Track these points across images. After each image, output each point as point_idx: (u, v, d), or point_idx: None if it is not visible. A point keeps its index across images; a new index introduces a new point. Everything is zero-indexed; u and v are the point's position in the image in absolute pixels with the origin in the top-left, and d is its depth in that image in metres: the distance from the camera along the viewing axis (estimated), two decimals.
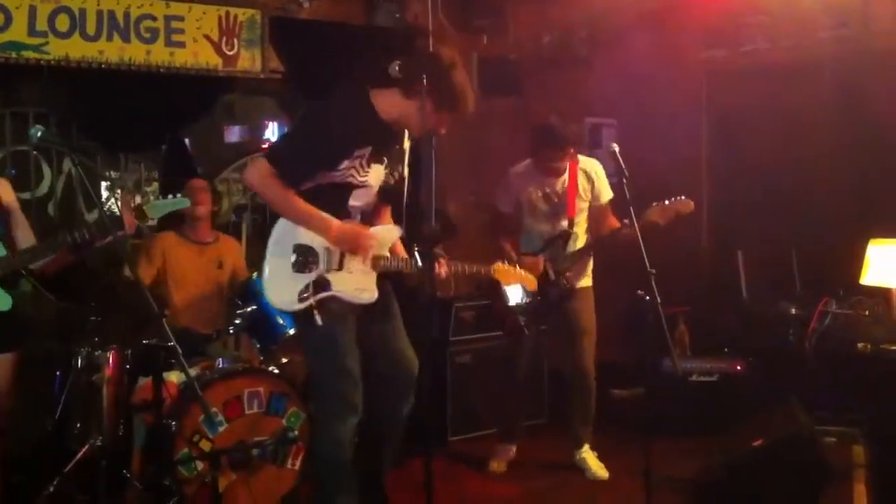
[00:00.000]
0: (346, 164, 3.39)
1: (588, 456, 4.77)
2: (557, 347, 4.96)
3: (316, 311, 3.41)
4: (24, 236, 3.60)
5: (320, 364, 3.54)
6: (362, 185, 3.47)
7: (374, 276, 3.55)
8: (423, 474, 3.09)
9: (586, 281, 4.80)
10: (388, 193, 3.63)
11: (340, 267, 3.47)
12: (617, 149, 3.96)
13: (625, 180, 3.88)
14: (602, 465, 4.74)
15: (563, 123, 4.69)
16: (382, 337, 3.63)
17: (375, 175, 3.50)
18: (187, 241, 4.67)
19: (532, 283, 4.03)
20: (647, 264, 3.72)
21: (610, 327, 5.00)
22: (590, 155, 5.00)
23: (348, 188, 3.46)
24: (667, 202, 4.41)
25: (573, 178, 4.69)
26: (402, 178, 3.62)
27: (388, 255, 3.58)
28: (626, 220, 4.31)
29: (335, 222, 3.42)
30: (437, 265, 3.48)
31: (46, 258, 3.56)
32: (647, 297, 3.71)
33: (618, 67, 6.12)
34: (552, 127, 4.62)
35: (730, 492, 3.91)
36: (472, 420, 5.35)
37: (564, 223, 4.69)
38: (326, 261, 3.46)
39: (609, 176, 4.78)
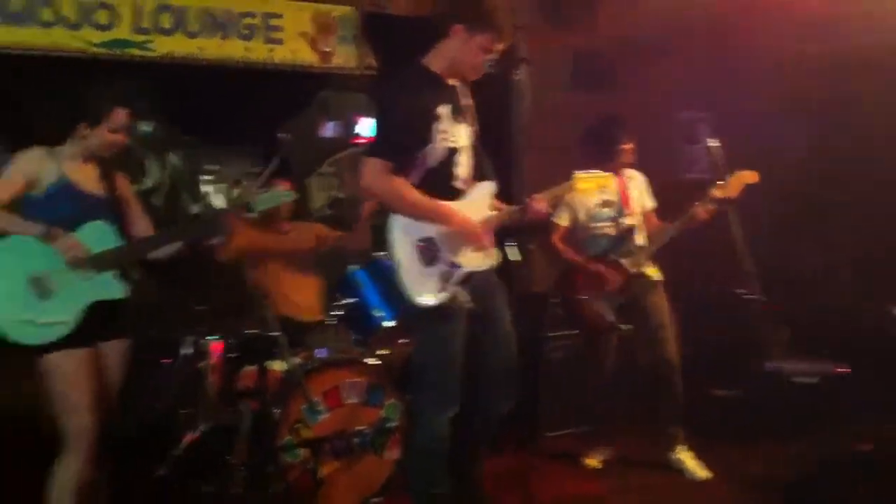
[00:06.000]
0: (435, 127, 3.43)
1: (684, 455, 4.68)
2: (642, 345, 4.89)
3: (463, 294, 3.49)
4: (144, 229, 3.66)
5: (431, 357, 3.55)
6: (459, 148, 3.51)
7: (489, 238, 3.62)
8: (518, 470, 3.09)
9: (656, 275, 4.75)
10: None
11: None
12: (715, 144, 3.89)
13: (727, 176, 3.81)
14: (700, 464, 4.64)
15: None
16: (491, 336, 3.63)
17: (465, 135, 3.55)
18: (265, 232, 4.73)
19: (608, 179, 3.90)
20: (747, 262, 3.66)
21: (700, 325, 4.89)
22: (688, 150, 4.93)
23: (452, 157, 3.49)
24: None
25: (623, 181, 4.72)
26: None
27: (493, 213, 3.60)
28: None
29: (456, 213, 3.47)
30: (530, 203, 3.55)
31: (167, 249, 3.58)
32: (749, 296, 3.65)
33: (713, 60, 5.99)
34: (613, 116, 4.71)
35: (827, 496, 3.80)
36: (566, 416, 5.30)
37: (626, 220, 4.68)
38: (447, 245, 3.50)
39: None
